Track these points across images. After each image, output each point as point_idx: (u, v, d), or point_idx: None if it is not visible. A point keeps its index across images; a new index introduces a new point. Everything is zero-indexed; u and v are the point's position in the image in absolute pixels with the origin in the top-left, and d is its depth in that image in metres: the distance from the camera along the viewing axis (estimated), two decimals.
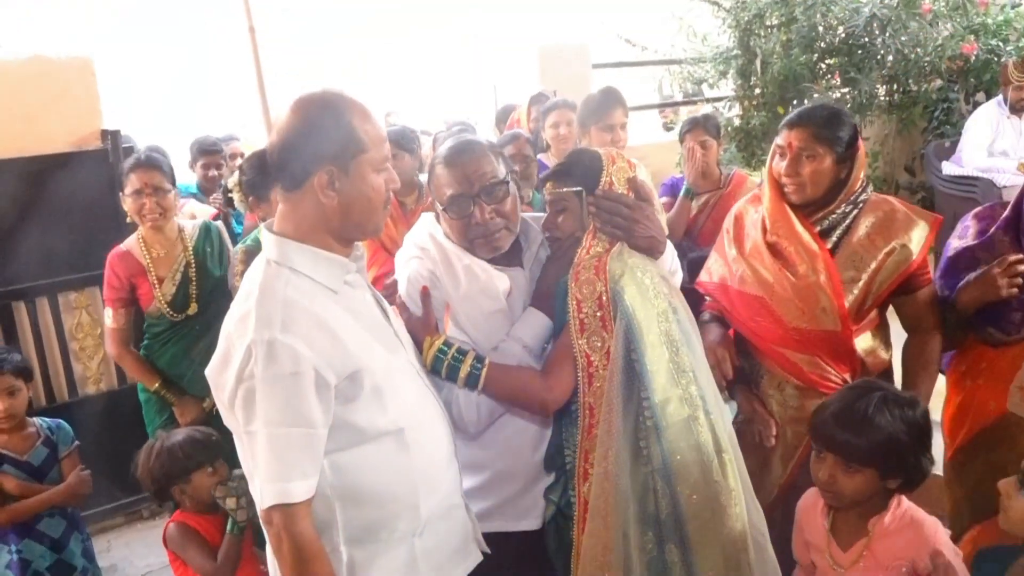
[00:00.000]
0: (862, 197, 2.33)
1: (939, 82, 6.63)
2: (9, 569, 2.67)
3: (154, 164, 3.14)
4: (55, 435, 2.82)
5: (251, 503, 2.35)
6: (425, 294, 1.91)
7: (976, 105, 6.33)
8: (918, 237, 2.30)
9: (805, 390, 2.33)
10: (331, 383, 1.55)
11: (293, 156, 1.61)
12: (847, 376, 2.30)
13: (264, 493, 1.54)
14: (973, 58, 6.33)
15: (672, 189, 3.92)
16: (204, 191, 4.61)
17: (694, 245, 3.43)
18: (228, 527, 2.40)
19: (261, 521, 1.58)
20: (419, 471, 1.70)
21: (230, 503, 2.38)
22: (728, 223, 2.57)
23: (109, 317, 3.23)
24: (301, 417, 1.53)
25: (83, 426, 2.99)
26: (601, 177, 1.91)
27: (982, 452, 2.30)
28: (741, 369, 2.43)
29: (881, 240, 2.30)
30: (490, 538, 1.97)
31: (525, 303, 2.00)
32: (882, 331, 2.45)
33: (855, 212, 2.33)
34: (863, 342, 2.37)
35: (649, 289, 1.87)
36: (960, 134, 6.14)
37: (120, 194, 3.21)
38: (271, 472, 1.53)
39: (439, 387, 1.88)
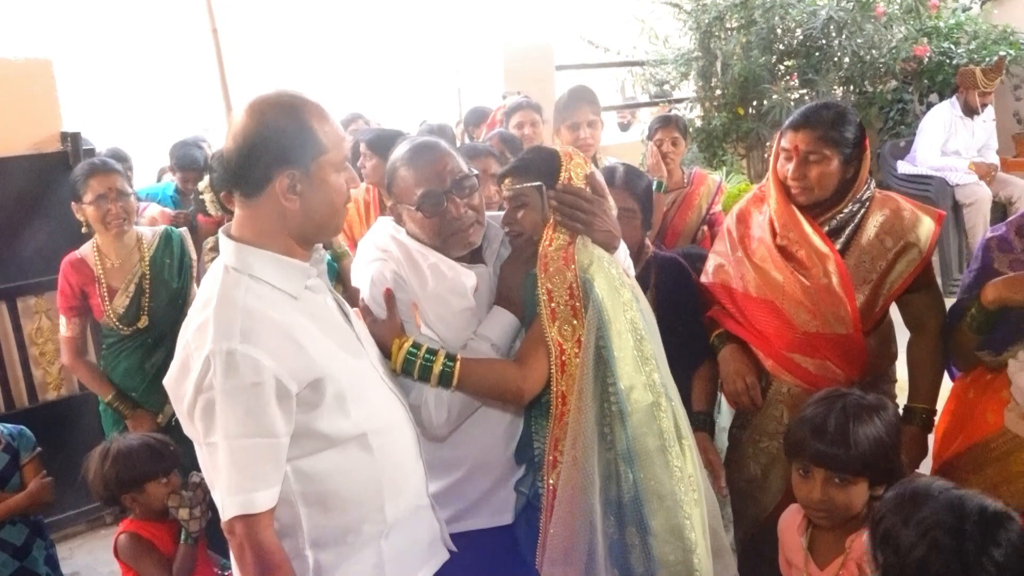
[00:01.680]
0: (866, 195, 2.30)
1: (894, 83, 6.79)
2: None
3: (112, 168, 3.06)
4: (16, 441, 2.77)
5: (204, 513, 2.35)
6: (389, 296, 1.92)
7: (930, 106, 6.50)
8: (925, 234, 2.25)
9: (813, 394, 2.27)
10: (293, 392, 1.53)
11: (252, 161, 1.56)
12: (855, 378, 2.26)
13: (226, 505, 1.51)
14: (926, 60, 6.50)
15: None
16: (182, 195, 4.57)
17: (660, 243, 3.47)
18: (182, 537, 2.37)
19: (224, 531, 1.55)
20: (384, 474, 1.68)
21: (183, 513, 2.35)
22: (730, 223, 2.53)
23: (63, 326, 3.14)
24: (263, 428, 1.50)
25: (43, 432, 2.93)
26: (560, 173, 1.94)
27: (970, 471, 2.16)
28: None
29: (890, 240, 2.25)
30: (466, 536, 2.00)
31: (491, 300, 2.02)
32: (886, 328, 2.41)
33: (862, 211, 2.29)
34: (868, 341, 2.31)
35: (615, 278, 1.91)
36: (914, 134, 6.30)
37: (73, 204, 3.06)
38: (233, 484, 1.50)
39: (407, 390, 1.89)
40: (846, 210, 2.28)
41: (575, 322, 1.88)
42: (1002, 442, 2.10)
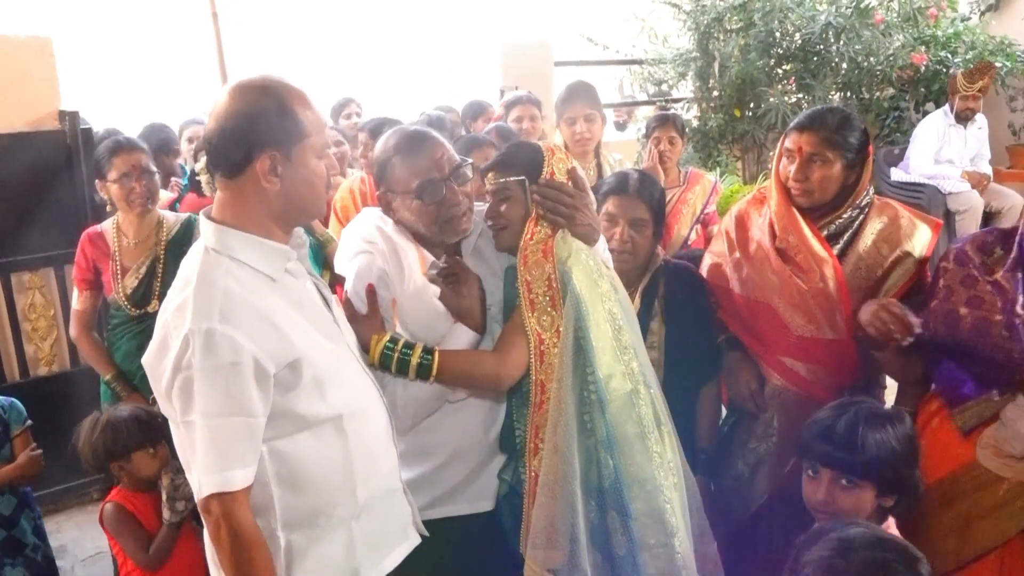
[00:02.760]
0: (865, 201, 2.31)
1: (891, 91, 6.83)
2: None
3: (137, 146, 3.02)
4: (7, 413, 2.80)
5: (186, 508, 2.38)
6: (371, 292, 1.94)
7: (926, 114, 6.53)
8: (921, 244, 2.27)
9: (804, 398, 2.30)
10: (270, 372, 1.54)
11: (234, 142, 1.58)
12: (846, 383, 2.28)
13: (202, 483, 1.53)
14: (923, 68, 6.54)
15: None
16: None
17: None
18: (164, 518, 2.41)
19: (200, 509, 1.58)
20: (356, 457, 1.70)
21: (165, 497, 2.40)
22: (728, 224, 2.54)
23: (75, 298, 3.13)
24: (240, 407, 1.52)
25: (34, 407, 2.95)
26: (543, 167, 1.98)
27: (938, 506, 2.08)
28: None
29: (887, 248, 2.27)
30: (446, 523, 2.04)
31: (472, 275, 2.04)
32: None
33: (861, 217, 2.30)
34: (860, 347, 2.29)
35: (593, 270, 1.95)
36: (909, 142, 6.34)
37: (97, 182, 3.04)
38: (210, 462, 1.52)
39: (380, 378, 1.91)
40: (845, 216, 2.29)
41: (554, 312, 1.92)
42: (972, 476, 2.05)
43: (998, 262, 2.08)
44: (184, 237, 3.08)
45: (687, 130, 6.11)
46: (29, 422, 2.86)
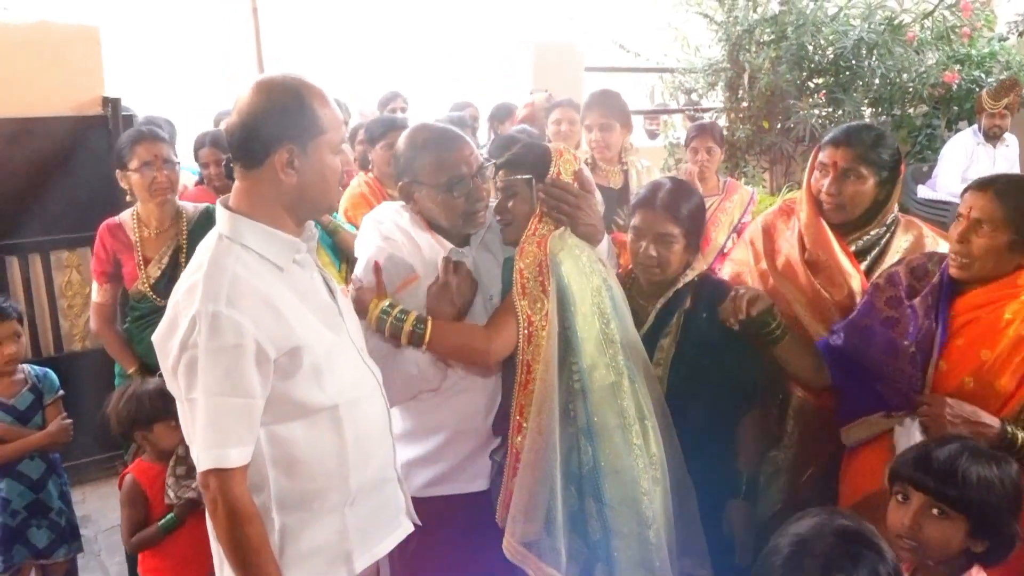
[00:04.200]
0: (891, 219, 2.34)
1: (925, 108, 6.81)
2: None
3: (159, 136, 3.04)
4: (41, 383, 2.94)
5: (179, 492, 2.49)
6: (377, 268, 2.03)
7: (958, 132, 6.50)
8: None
9: (824, 411, 2.32)
10: (271, 357, 1.61)
11: (254, 134, 1.65)
12: None
13: (201, 458, 1.61)
14: (955, 87, 6.52)
15: None
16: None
17: None
18: (163, 521, 2.51)
19: (199, 484, 1.66)
20: (351, 446, 1.77)
21: (179, 471, 2.51)
22: (753, 234, 2.54)
23: (95, 291, 3.14)
24: (240, 387, 1.59)
25: (65, 381, 3.08)
26: (550, 168, 2.07)
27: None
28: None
29: None
30: (441, 501, 2.13)
31: (474, 282, 2.12)
32: None
33: (888, 235, 2.33)
34: None
35: (585, 265, 2.04)
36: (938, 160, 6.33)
37: (118, 172, 3.03)
38: (209, 438, 1.59)
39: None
40: (872, 232, 2.33)
41: (543, 298, 2.00)
42: (884, 500, 2.02)
43: (925, 287, 2.10)
44: (205, 225, 3.01)
45: None
46: (61, 392, 2.99)
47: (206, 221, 3.08)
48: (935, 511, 1.66)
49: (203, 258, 1.68)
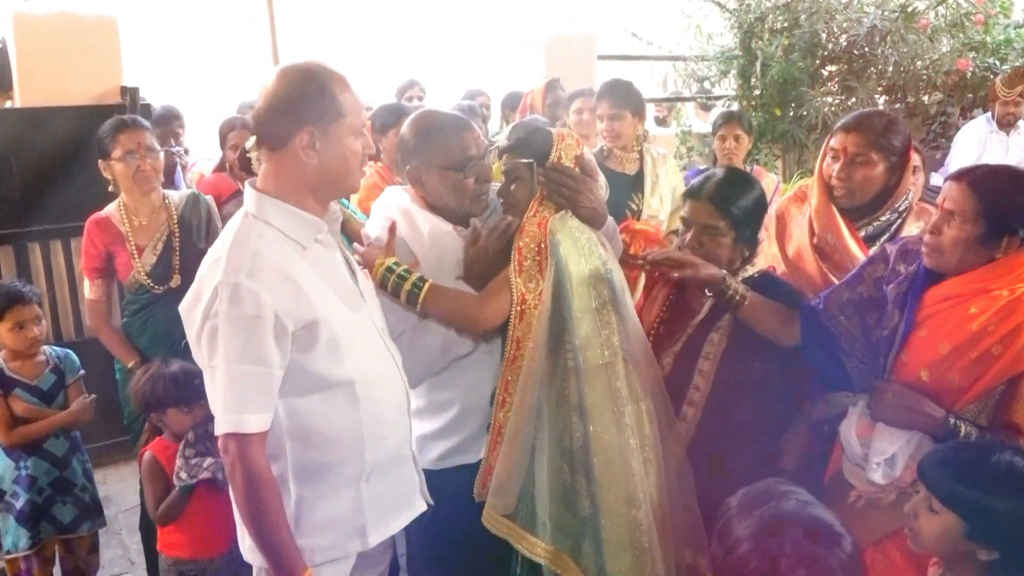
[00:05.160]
0: (903, 206, 2.34)
1: (939, 96, 6.79)
2: (17, 484, 2.90)
3: (141, 124, 3.00)
4: (63, 363, 3.03)
5: (200, 467, 2.54)
6: (392, 227, 2.11)
7: (972, 120, 6.48)
8: None
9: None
10: (289, 329, 1.69)
11: (278, 118, 1.73)
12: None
13: (220, 422, 1.69)
14: (969, 74, 6.49)
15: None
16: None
17: None
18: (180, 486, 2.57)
19: (220, 450, 1.74)
20: (366, 423, 1.83)
21: (182, 473, 2.55)
22: (766, 220, 2.48)
23: (87, 288, 3.06)
24: (258, 356, 1.66)
25: (86, 365, 3.14)
26: (551, 152, 2.12)
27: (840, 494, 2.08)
28: None
29: None
30: (453, 472, 2.22)
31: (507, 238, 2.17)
32: None
33: (899, 221, 2.33)
34: None
35: (584, 247, 2.09)
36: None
37: (101, 162, 2.99)
38: (228, 403, 1.68)
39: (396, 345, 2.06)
40: (883, 218, 2.34)
41: (539, 278, 2.06)
42: (838, 483, 2.08)
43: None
44: (192, 211, 3.10)
45: None
46: (82, 372, 3.07)
47: (193, 206, 3.12)
48: (932, 505, 1.65)
49: (229, 234, 1.77)
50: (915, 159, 3.00)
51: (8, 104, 4.37)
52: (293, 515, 1.80)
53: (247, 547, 1.87)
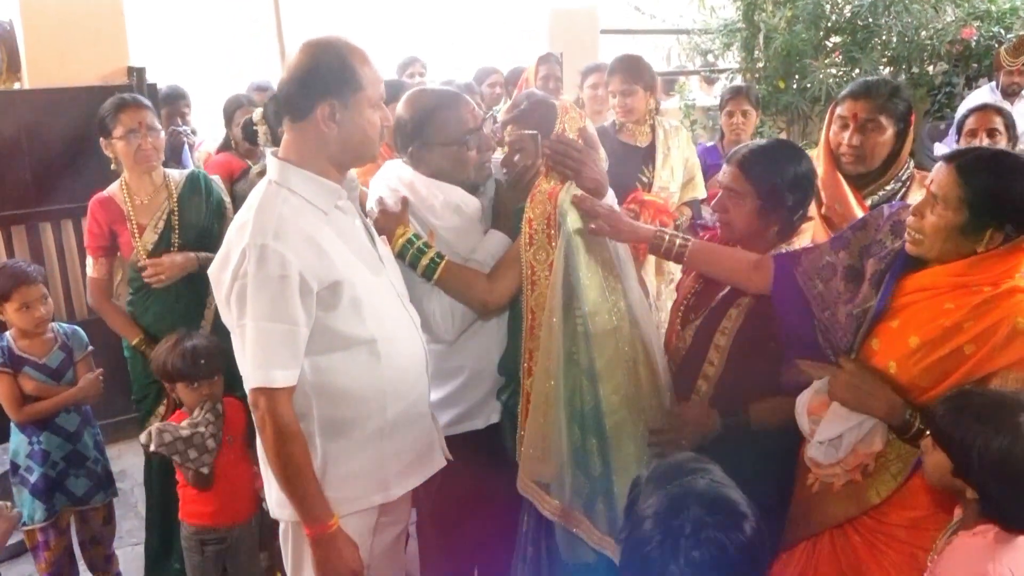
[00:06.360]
0: (906, 174, 2.36)
1: (943, 66, 6.75)
2: (31, 458, 2.98)
3: (142, 103, 3.03)
4: (70, 340, 3.09)
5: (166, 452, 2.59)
6: (404, 200, 2.19)
7: (977, 90, 6.44)
8: None
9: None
10: (313, 289, 1.79)
11: (300, 89, 1.83)
12: None
13: (250, 378, 1.80)
14: (974, 43, 6.45)
15: (706, 156, 4.07)
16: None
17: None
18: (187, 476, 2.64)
19: (250, 404, 1.84)
20: (388, 379, 1.94)
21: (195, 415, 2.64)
22: None
23: (90, 266, 3.12)
24: (285, 315, 1.77)
25: (96, 343, 3.19)
26: (555, 124, 2.17)
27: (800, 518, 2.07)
28: None
29: None
30: (461, 438, 2.28)
31: (485, 228, 2.29)
32: None
33: (903, 190, 2.35)
34: None
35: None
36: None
37: (102, 140, 3.02)
38: (256, 359, 1.78)
39: (418, 303, 2.14)
40: (888, 187, 2.37)
41: (549, 248, 2.13)
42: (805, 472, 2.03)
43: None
44: (192, 189, 3.12)
45: None
46: (91, 348, 3.13)
47: (192, 184, 3.14)
48: (931, 441, 1.66)
49: (254, 200, 1.87)
50: None
51: (17, 85, 4.43)
52: (320, 470, 1.90)
53: (274, 501, 1.98)
